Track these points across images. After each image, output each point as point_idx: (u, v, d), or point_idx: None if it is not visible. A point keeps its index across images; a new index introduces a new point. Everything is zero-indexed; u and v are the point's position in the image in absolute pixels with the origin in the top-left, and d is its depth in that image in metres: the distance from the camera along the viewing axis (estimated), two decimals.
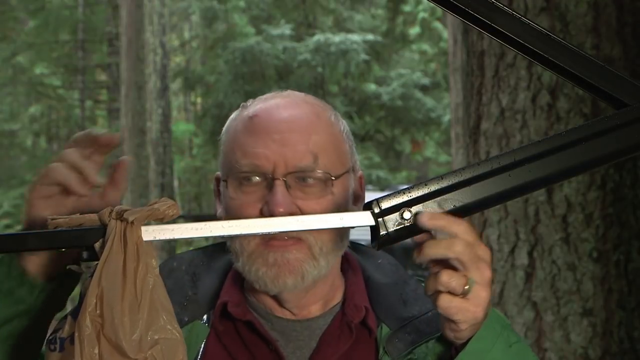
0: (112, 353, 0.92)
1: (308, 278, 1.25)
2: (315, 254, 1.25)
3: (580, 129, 1.04)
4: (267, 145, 1.24)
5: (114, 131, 7.39)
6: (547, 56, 1.04)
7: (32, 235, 1.04)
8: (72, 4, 21.23)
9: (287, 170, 1.24)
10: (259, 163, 1.24)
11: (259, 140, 1.25)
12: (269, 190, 1.24)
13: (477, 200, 1.04)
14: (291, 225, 1.05)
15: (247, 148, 1.25)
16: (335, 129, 1.31)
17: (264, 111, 1.28)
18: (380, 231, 1.04)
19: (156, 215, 1.00)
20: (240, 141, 1.27)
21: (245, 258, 1.26)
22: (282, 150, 1.24)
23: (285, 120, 1.26)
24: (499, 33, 1.05)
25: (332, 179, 1.26)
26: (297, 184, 1.25)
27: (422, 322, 1.29)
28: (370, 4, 21.25)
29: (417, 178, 22.78)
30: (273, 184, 1.23)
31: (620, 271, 3.20)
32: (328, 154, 1.27)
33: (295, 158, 1.24)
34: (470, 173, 1.04)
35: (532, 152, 1.03)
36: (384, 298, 1.33)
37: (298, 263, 1.24)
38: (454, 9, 1.05)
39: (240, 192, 1.26)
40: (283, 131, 1.25)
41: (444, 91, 18.98)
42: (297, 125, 1.26)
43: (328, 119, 1.31)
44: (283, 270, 1.24)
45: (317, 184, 1.26)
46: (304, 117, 1.28)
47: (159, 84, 14.50)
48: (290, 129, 1.25)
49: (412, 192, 1.04)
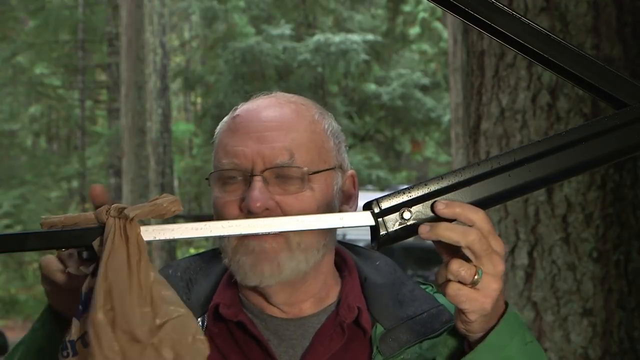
0: (128, 341, 0.95)
1: (285, 269, 1.26)
2: (292, 247, 1.27)
3: (580, 129, 1.04)
4: (246, 143, 1.28)
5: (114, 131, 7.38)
6: (547, 56, 1.04)
7: (32, 236, 1.04)
8: (72, 4, 21.23)
9: (264, 166, 1.27)
10: (237, 161, 1.28)
11: (239, 139, 1.29)
12: (247, 187, 1.27)
13: (477, 201, 1.04)
14: (291, 225, 1.05)
15: (228, 147, 1.30)
16: (317, 126, 1.33)
17: (246, 111, 1.33)
18: (380, 231, 1.05)
19: (159, 211, 1.02)
20: (224, 141, 1.31)
21: (230, 252, 1.28)
22: (260, 147, 1.27)
23: (264, 118, 1.30)
24: (499, 33, 1.05)
25: (309, 175, 1.28)
26: (275, 180, 1.27)
27: (417, 322, 1.30)
28: (370, 4, 21.25)
29: (417, 178, 22.79)
30: (251, 180, 1.26)
31: (620, 271, 3.20)
32: (307, 151, 1.29)
33: (272, 155, 1.27)
34: (470, 173, 1.04)
35: (532, 152, 1.03)
36: (379, 298, 1.34)
37: (274, 252, 1.26)
38: (454, 9, 1.05)
39: (223, 191, 1.29)
40: (261, 130, 1.29)
41: (444, 91, 18.98)
42: (275, 124, 1.30)
43: (311, 116, 1.34)
44: (260, 259, 1.26)
45: (295, 180, 1.28)
46: (283, 115, 1.31)
47: (159, 84, 14.50)
48: (268, 127, 1.29)
49: (412, 192, 1.05)
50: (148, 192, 13.94)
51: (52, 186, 21.60)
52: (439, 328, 1.29)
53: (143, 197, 13.76)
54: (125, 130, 14.54)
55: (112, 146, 19.53)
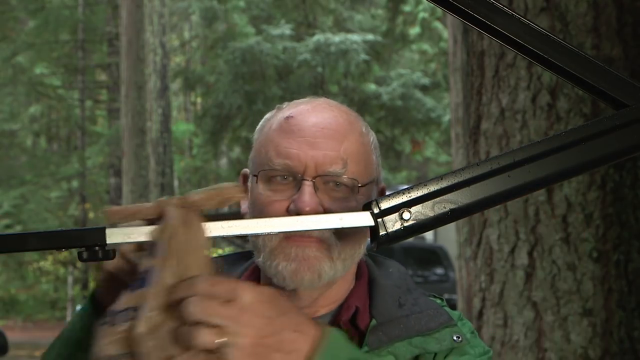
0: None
1: (324, 278, 1.28)
2: (334, 256, 1.28)
3: (580, 129, 1.04)
4: (300, 146, 1.29)
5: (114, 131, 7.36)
6: (547, 56, 1.04)
7: (32, 236, 1.04)
8: (72, 4, 21.24)
9: (316, 172, 1.28)
10: (291, 163, 1.28)
11: (293, 141, 1.29)
12: (297, 190, 1.28)
13: (477, 201, 1.04)
14: (291, 225, 1.05)
15: (281, 148, 1.30)
16: (365, 139, 1.35)
17: (299, 113, 1.33)
18: (379, 231, 1.05)
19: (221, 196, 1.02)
20: (275, 140, 1.31)
21: (267, 253, 1.29)
22: (314, 153, 1.28)
23: (320, 124, 1.31)
24: (499, 33, 1.05)
25: (358, 186, 1.30)
26: (324, 187, 1.29)
27: (411, 318, 1.30)
28: (370, 4, 21.26)
29: (417, 178, 22.81)
30: (302, 184, 1.27)
31: (620, 271, 3.20)
32: (357, 162, 1.31)
33: (325, 162, 1.28)
34: (470, 173, 1.04)
35: (532, 152, 1.03)
36: (381, 297, 1.35)
37: (317, 261, 1.27)
38: (454, 10, 1.05)
39: (269, 189, 1.30)
40: (316, 135, 1.30)
41: (444, 91, 18.99)
42: (331, 131, 1.31)
43: (360, 128, 1.35)
44: (302, 266, 1.27)
45: (344, 189, 1.29)
46: (338, 123, 1.32)
47: (159, 84, 14.51)
48: (323, 134, 1.30)
49: (411, 192, 1.04)
50: (148, 192, 13.95)
51: (52, 186, 21.61)
52: (434, 327, 1.29)
53: (143, 197, 13.76)
54: (125, 130, 14.54)
55: (112, 146, 19.55)
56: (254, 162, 1.35)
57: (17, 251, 1.07)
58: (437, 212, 1.04)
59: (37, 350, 13.98)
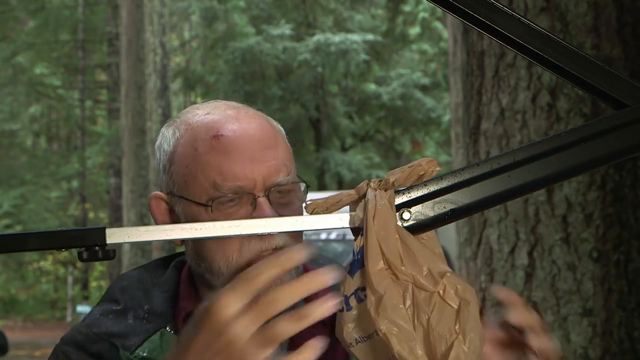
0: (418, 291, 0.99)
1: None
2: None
3: (580, 129, 1.04)
4: (244, 164, 1.27)
5: (114, 131, 7.38)
6: (546, 56, 1.04)
7: (32, 236, 1.04)
8: (72, 4, 21.24)
9: (265, 186, 1.27)
10: (241, 184, 1.26)
11: (234, 161, 1.27)
12: (252, 208, 1.26)
13: (477, 201, 1.04)
14: (291, 225, 1.05)
15: (224, 170, 1.27)
16: (282, 134, 1.35)
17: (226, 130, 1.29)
18: None
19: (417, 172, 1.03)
20: (213, 164, 1.27)
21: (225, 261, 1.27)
22: (259, 167, 1.27)
23: (253, 136, 1.29)
24: (499, 33, 1.05)
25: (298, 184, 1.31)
26: (275, 197, 1.28)
27: None
28: (370, 4, 21.25)
29: None
30: (256, 202, 1.27)
31: (620, 271, 3.20)
32: (290, 162, 1.32)
33: (271, 174, 1.27)
34: (470, 173, 1.04)
35: (532, 152, 1.03)
36: None
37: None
38: (454, 10, 1.05)
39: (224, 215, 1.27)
40: (254, 148, 1.28)
41: (444, 91, 18.99)
42: (264, 140, 1.30)
43: (276, 126, 1.36)
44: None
45: (291, 193, 1.30)
46: (265, 130, 1.31)
47: (159, 84, 14.50)
48: (260, 146, 1.29)
49: (411, 192, 1.04)
50: (148, 192, 13.93)
51: (52, 186, 21.62)
52: None
53: (143, 197, 13.76)
54: (125, 130, 14.54)
55: (112, 146, 19.54)
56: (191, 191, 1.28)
57: (17, 251, 1.07)
58: (437, 212, 1.04)
59: (37, 350, 13.96)
